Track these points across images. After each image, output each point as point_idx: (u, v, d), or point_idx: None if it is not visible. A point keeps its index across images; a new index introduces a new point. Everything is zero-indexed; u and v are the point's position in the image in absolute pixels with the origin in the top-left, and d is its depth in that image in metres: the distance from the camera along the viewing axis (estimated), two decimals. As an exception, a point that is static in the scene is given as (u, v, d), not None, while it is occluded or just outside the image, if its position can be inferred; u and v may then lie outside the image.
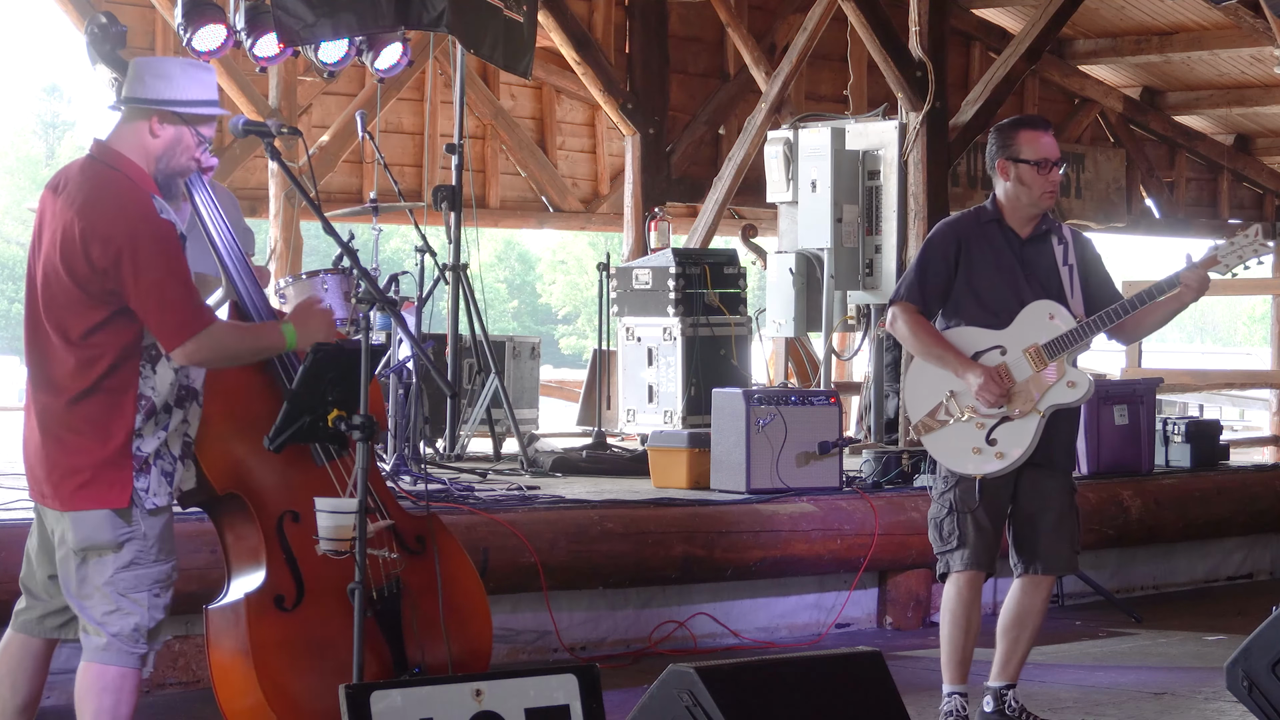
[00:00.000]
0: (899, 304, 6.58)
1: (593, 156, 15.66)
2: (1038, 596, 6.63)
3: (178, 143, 5.08)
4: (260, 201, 13.01)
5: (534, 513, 8.09)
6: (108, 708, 4.96)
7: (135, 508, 4.98)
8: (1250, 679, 5.87)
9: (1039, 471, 6.51)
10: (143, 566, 5.00)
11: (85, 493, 4.95)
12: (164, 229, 4.96)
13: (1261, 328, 45.46)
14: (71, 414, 4.95)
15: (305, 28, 9.76)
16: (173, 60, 5.21)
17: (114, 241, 4.88)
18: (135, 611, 4.98)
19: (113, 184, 4.97)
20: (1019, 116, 6.85)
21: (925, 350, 6.53)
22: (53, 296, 4.96)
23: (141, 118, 5.05)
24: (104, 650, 4.97)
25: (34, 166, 47.47)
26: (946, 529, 6.52)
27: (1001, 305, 6.50)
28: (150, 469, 5.00)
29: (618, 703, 5.59)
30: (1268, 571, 11.25)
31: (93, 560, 4.97)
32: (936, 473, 6.61)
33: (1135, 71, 18.00)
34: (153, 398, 5.00)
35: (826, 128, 11.69)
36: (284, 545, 5.32)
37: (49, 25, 59.51)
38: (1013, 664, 6.60)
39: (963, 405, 6.46)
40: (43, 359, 5.01)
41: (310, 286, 9.24)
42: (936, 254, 6.57)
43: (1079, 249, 6.64)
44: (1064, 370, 6.44)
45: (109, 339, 4.94)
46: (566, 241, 46.35)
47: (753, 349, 11.71)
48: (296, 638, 5.29)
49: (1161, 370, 16.51)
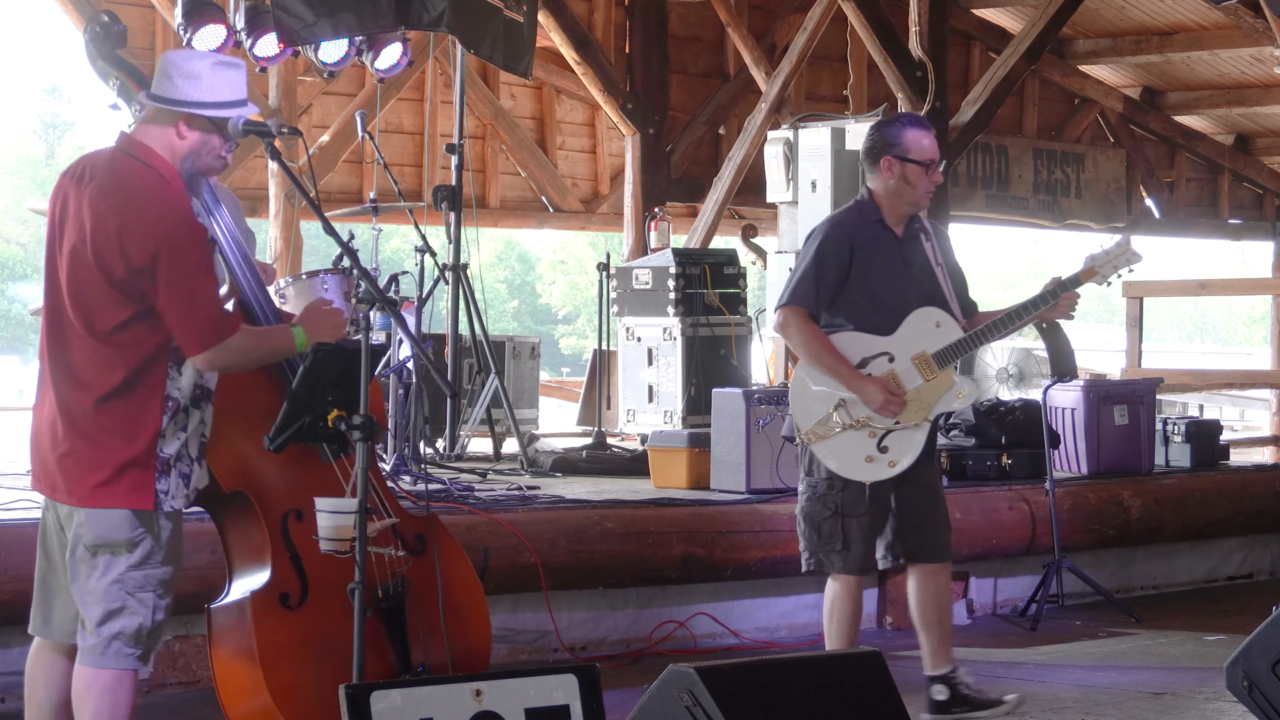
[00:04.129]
0: (790, 308, 6.55)
1: (593, 156, 15.66)
2: (942, 580, 6.78)
3: (204, 145, 5.06)
4: (260, 201, 13.01)
5: (534, 513, 8.09)
6: (106, 708, 4.94)
7: (156, 510, 4.97)
8: (1250, 679, 5.87)
9: (919, 467, 6.60)
10: (151, 567, 4.99)
11: (107, 491, 4.92)
12: (200, 233, 4.97)
13: (1261, 328, 45.44)
14: (100, 412, 4.91)
15: (305, 28, 9.75)
16: (202, 57, 5.14)
17: (152, 241, 4.85)
18: (140, 611, 4.96)
19: (150, 182, 4.95)
20: (904, 114, 6.93)
21: (818, 360, 6.53)
22: (80, 290, 4.92)
23: (169, 118, 5.03)
24: (101, 654, 4.95)
25: (34, 166, 47.47)
26: (827, 530, 6.58)
27: (889, 308, 6.56)
28: (170, 471, 4.99)
29: (618, 703, 5.59)
30: (1268, 571, 11.25)
31: (103, 557, 4.95)
32: (814, 471, 6.60)
33: (1135, 71, 18.00)
34: (179, 398, 4.99)
35: (826, 128, 11.69)
36: (288, 543, 5.31)
37: (49, 25, 59.52)
38: (947, 647, 6.76)
39: (854, 415, 6.51)
40: (67, 353, 4.97)
41: (310, 286, 9.24)
42: (831, 256, 6.54)
43: (940, 243, 6.73)
44: (952, 380, 6.55)
45: (140, 337, 4.92)
46: (566, 241, 46.34)
47: (753, 349, 11.71)
48: (302, 636, 5.28)
49: (1161, 370, 16.49)
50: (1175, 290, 21.18)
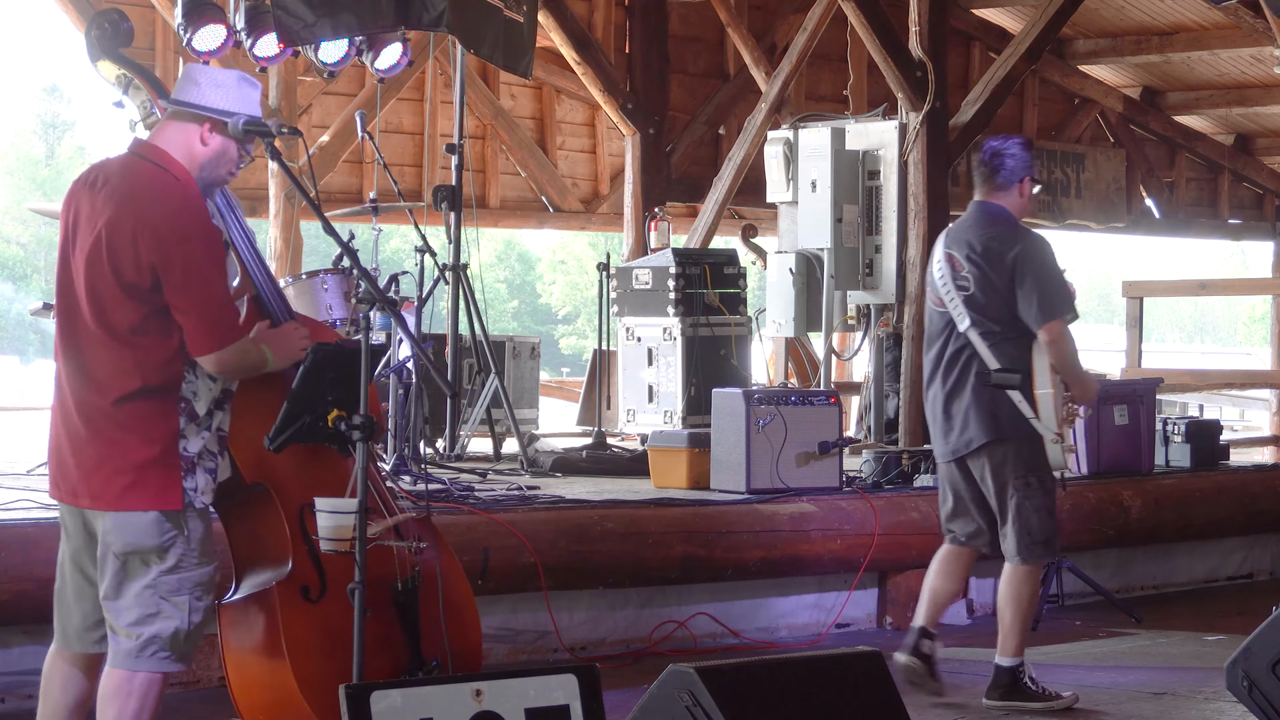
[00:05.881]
0: (1062, 320, 6.96)
1: (593, 156, 15.65)
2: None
3: (224, 154, 5.10)
4: (260, 201, 13.00)
5: (534, 513, 8.08)
6: (131, 712, 4.91)
7: (186, 509, 4.95)
8: (1250, 679, 5.87)
9: None
10: (186, 570, 4.97)
11: (134, 493, 4.91)
12: (215, 235, 4.98)
13: (1261, 328, 45.45)
14: (120, 412, 4.91)
15: (305, 28, 9.75)
16: (227, 72, 5.21)
17: (167, 240, 4.87)
18: (175, 616, 4.94)
19: (165, 184, 4.97)
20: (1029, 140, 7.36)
21: (1076, 362, 7.05)
22: (97, 293, 4.92)
23: (193, 123, 5.06)
24: (134, 656, 4.91)
25: (34, 166, 47.50)
26: (1053, 519, 7.11)
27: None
28: (196, 469, 4.99)
29: (618, 703, 5.59)
30: (1268, 571, 11.25)
31: (135, 564, 4.93)
32: (1038, 467, 7.02)
33: (1135, 71, 18.00)
34: (192, 401, 4.99)
35: (826, 128, 11.70)
36: (305, 537, 5.30)
37: (49, 25, 59.57)
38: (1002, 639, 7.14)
39: (1071, 409, 7.03)
40: (84, 357, 4.96)
41: (310, 286, 9.24)
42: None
43: None
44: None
45: (156, 340, 4.92)
46: (566, 241, 46.37)
47: (753, 349, 11.71)
48: (323, 628, 5.25)
49: (1161, 370, 16.51)
50: (1175, 290, 21.21)
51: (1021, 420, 6.92)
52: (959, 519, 7.23)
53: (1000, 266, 6.92)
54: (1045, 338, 6.86)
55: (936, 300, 7.12)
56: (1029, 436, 6.94)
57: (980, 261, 6.96)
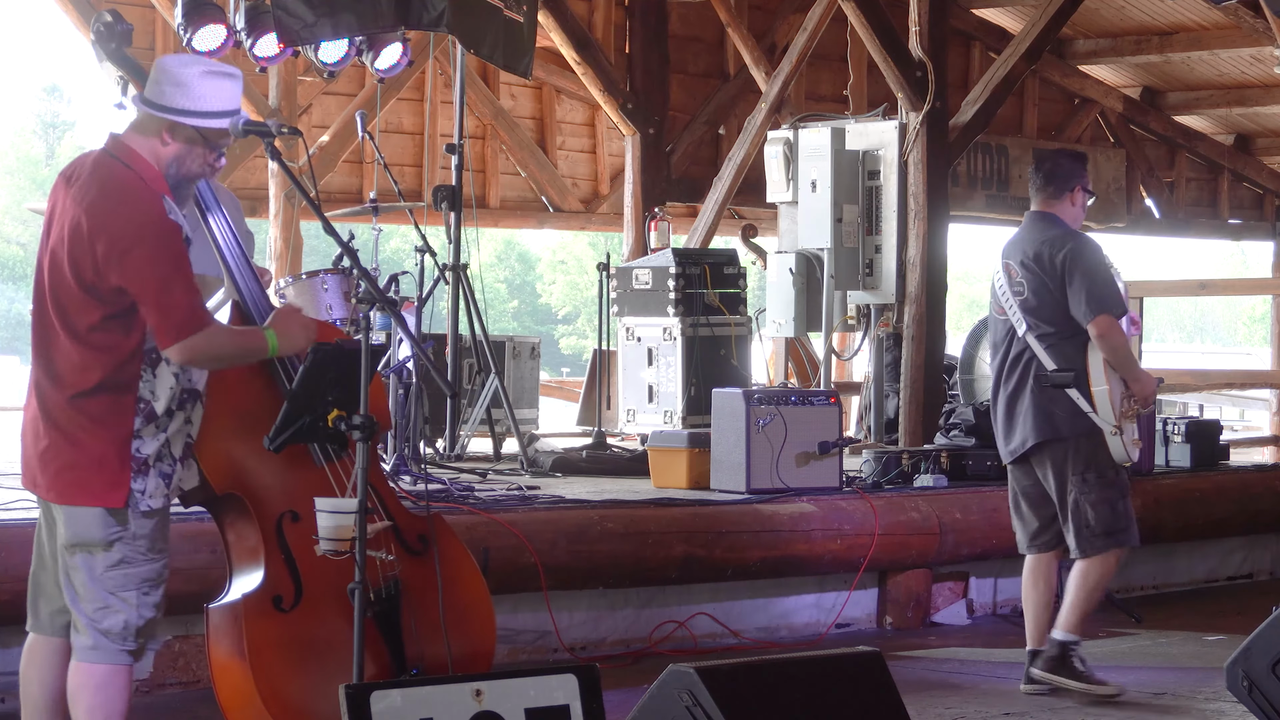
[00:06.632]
0: (1111, 315, 7.09)
1: (593, 156, 15.65)
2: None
3: (188, 153, 5.08)
4: (260, 201, 13.01)
5: (534, 513, 8.09)
6: (99, 705, 4.97)
7: (130, 509, 4.99)
8: (1250, 679, 5.87)
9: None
10: (132, 565, 5.01)
11: (80, 489, 4.96)
12: (170, 229, 4.97)
13: (1261, 328, 45.45)
14: (74, 408, 4.96)
15: (305, 28, 9.76)
16: (193, 64, 5.13)
17: (121, 240, 4.89)
18: (123, 609, 4.99)
19: (124, 182, 4.98)
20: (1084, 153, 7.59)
21: (1130, 356, 7.20)
22: (58, 291, 4.98)
23: (155, 123, 5.06)
24: (92, 649, 4.99)
25: (34, 166, 47.51)
26: (1121, 509, 7.27)
27: None
28: (149, 471, 5.01)
29: (618, 703, 5.59)
30: (1268, 571, 11.25)
31: (81, 556, 4.99)
32: (1098, 459, 7.16)
33: (1135, 71, 17.99)
34: (151, 401, 5.01)
35: (826, 128, 11.70)
36: (283, 545, 5.31)
37: (49, 25, 59.57)
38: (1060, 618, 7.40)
39: (1131, 404, 7.16)
40: (49, 351, 5.03)
41: (310, 286, 9.24)
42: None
43: None
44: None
45: (114, 340, 4.96)
46: (566, 241, 46.36)
47: (753, 349, 11.71)
48: (294, 638, 5.27)
49: (1161, 370, 16.46)
50: (1175, 290, 21.21)
51: (1080, 417, 7.13)
52: (1020, 520, 7.52)
53: (1051, 269, 7.18)
54: (1095, 332, 7.07)
55: (998, 309, 7.41)
56: (1087, 433, 7.16)
57: (1033, 266, 7.23)
